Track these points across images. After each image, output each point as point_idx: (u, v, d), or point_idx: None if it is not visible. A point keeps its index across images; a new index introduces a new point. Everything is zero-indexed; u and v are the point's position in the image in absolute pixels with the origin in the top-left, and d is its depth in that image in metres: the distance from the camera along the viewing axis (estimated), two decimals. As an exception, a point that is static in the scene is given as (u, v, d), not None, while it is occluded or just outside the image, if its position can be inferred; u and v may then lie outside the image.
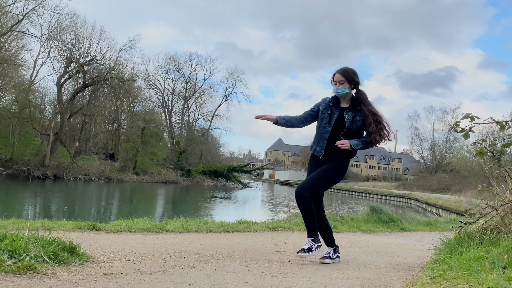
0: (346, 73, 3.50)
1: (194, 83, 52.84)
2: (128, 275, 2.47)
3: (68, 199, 22.03)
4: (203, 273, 2.68)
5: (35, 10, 31.95)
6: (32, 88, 35.39)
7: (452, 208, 21.01)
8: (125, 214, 13.65)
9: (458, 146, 50.28)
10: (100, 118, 38.81)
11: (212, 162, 45.51)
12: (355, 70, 3.56)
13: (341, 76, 3.48)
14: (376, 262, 3.66)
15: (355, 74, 3.53)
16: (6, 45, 31.68)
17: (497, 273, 2.23)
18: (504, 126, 3.20)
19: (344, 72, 3.50)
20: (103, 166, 36.54)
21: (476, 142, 3.38)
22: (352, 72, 3.53)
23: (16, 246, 2.34)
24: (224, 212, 17.73)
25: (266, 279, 2.63)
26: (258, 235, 5.07)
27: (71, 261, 2.54)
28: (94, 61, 36.78)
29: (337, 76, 3.50)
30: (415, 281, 2.62)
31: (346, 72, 3.51)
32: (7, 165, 31.54)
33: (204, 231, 4.87)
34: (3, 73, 31.08)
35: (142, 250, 3.37)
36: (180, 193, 31.43)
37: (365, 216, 7.70)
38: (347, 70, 3.53)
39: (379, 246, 4.88)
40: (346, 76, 3.48)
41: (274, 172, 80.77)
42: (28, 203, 18.54)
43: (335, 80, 3.50)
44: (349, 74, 3.50)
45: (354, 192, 42.95)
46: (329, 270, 3.10)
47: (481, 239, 3.08)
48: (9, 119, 32.15)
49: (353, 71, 3.54)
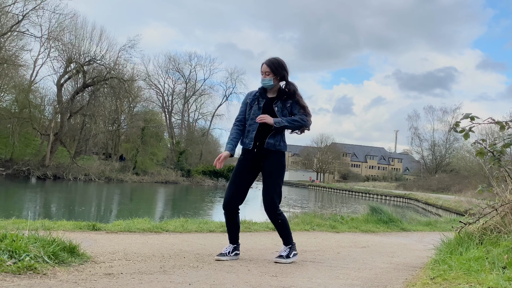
0: (272, 64, 3.39)
1: (194, 83, 52.93)
2: (128, 275, 2.47)
3: (68, 199, 22.03)
4: (203, 273, 2.68)
5: (35, 10, 32.00)
6: (32, 88, 35.44)
7: (452, 208, 21.01)
8: (125, 214, 13.65)
9: (458, 146, 50.39)
10: (100, 118, 38.82)
11: (212, 162, 45.49)
12: (283, 62, 3.44)
13: (266, 67, 3.39)
14: (376, 262, 3.66)
15: (282, 66, 3.42)
16: (6, 45, 31.70)
17: (497, 273, 2.23)
18: (504, 126, 3.20)
19: (270, 63, 3.40)
20: (103, 166, 36.56)
21: (476, 142, 3.39)
22: (278, 64, 3.41)
23: (16, 246, 2.34)
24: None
25: (266, 279, 2.63)
26: (258, 235, 5.07)
27: (71, 261, 2.54)
28: (94, 61, 36.81)
29: (264, 67, 3.41)
30: (415, 281, 2.62)
31: (272, 63, 3.40)
32: (7, 165, 31.55)
33: (204, 231, 4.87)
34: (3, 73, 31.09)
35: (142, 250, 3.37)
36: (180, 193, 31.42)
37: (365, 216, 7.70)
38: (273, 61, 3.41)
39: (379, 246, 4.88)
40: (271, 68, 3.38)
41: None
42: (28, 203, 18.54)
43: (262, 71, 3.42)
44: (274, 65, 3.39)
45: (354, 192, 42.97)
46: (329, 270, 3.10)
47: (481, 239, 3.08)
48: (9, 119, 32.19)
49: (280, 63, 3.42)
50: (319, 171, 73.71)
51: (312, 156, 75.38)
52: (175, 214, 14.17)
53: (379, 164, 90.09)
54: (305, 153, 78.21)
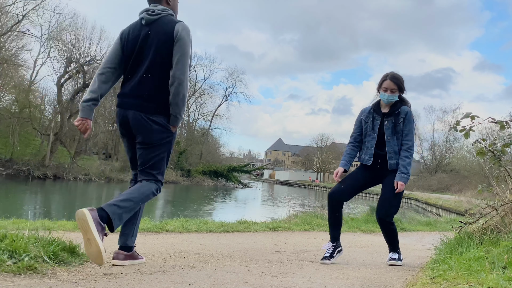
0: (398, 81, 3.46)
1: (194, 83, 52.88)
2: (128, 275, 2.47)
3: (68, 199, 22.03)
4: (203, 273, 2.68)
5: (35, 10, 32.02)
6: (32, 88, 35.46)
7: (452, 208, 21.02)
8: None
9: (458, 146, 50.37)
10: (100, 118, 38.81)
11: (212, 162, 45.53)
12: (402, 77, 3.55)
13: (393, 84, 3.45)
14: (376, 262, 3.66)
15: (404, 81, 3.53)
16: (6, 45, 31.69)
17: (497, 273, 2.23)
18: (504, 125, 3.20)
19: (396, 81, 3.46)
20: (103, 166, 36.56)
21: (477, 141, 3.38)
22: (403, 80, 3.51)
23: (16, 246, 2.33)
24: (224, 212, 17.72)
25: (266, 279, 2.63)
26: (258, 235, 5.07)
27: (71, 261, 2.54)
28: (94, 61, 36.82)
29: (389, 84, 3.45)
30: (415, 281, 2.62)
31: (398, 80, 3.47)
32: (7, 165, 31.55)
33: (204, 231, 4.87)
34: (3, 73, 31.08)
35: (142, 250, 3.37)
36: (180, 193, 31.42)
37: (365, 216, 7.71)
38: (399, 77, 3.49)
39: (379, 246, 4.88)
40: (398, 85, 3.46)
41: (274, 172, 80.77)
42: (28, 203, 18.54)
43: (387, 87, 3.45)
44: (401, 82, 3.48)
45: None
46: (329, 270, 3.10)
47: (481, 239, 3.08)
48: (9, 119, 32.17)
49: (403, 79, 3.52)
50: (319, 171, 73.71)
51: (312, 156, 75.40)
52: (175, 214, 14.17)
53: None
54: (305, 153, 78.23)
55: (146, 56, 2.68)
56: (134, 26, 2.78)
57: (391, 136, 3.47)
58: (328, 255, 3.45)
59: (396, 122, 3.46)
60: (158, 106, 2.66)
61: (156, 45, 2.66)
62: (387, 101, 3.48)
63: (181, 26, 2.68)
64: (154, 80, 2.66)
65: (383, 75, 3.56)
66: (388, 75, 3.51)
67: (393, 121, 3.47)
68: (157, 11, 2.74)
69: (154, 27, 2.70)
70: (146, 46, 2.69)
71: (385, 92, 3.46)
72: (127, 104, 2.69)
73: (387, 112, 3.51)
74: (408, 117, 3.48)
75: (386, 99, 3.47)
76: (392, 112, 3.49)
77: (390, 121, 3.48)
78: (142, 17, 2.75)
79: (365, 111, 3.62)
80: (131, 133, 2.73)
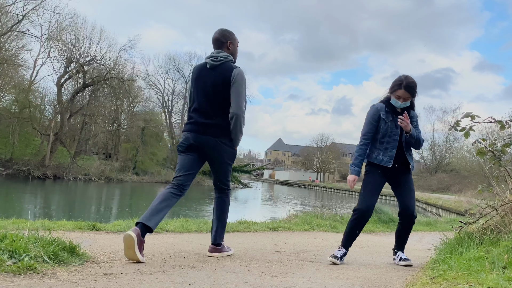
0: (413, 90, 3.42)
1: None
2: (128, 275, 2.47)
3: (68, 199, 22.03)
4: (203, 273, 2.68)
5: (35, 10, 31.99)
6: (32, 88, 35.44)
7: (452, 208, 21.02)
8: (125, 214, 13.66)
9: (458, 146, 50.37)
10: (100, 118, 38.82)
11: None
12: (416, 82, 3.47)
13: (408, 94, 3.40)
14: (376, 262, 3.66)
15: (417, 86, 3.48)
16: (6, 45, 31.67)
17: (497, 273, 2.23)
18: (504, 125, 3.20)
19: (411, 90, 3.40)
20: (103, 166, 36.56)
21: (477, 141, 3.38)
22: (416, 86, 3.45)
23: (16, 246, 2.33)
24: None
25: (266, 279, 2.63)
26: (258, 235, 5.07)
27: (71, 261, 2.54)
28: (94, 61, 36.83)
29: (404, 93, 3.39)
30: (415, 281, 2.62)
31: (413, 89, 3.41)
32: (7, 165, 31.56)
33: (204, 231, 4.86)
34: (3, 73, 31.08)
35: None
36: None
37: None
38: (413, 86, 3.41)
39: (379, 246, 4.88)
40: (412, 94, 3.43)
41: (274, 172, 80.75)
42: (28, 203, 18.54)
43: (400, 95, 3.40)
44: (415, 90, 3.43)
45: (354, 192, 42.91)
46: (329, 270, 3.10)
47: (481, 239, 3.08)
48: (9, 119, 32.18)
49: (416, 85, 3.45)
50: (319, 171, 73.70)
51: (312, 156, 75.37)
52: (175, 214, 14.16)
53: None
54: (305, 153, 78.19)
55: (210, 94, 3.27)
56: (201, 68, 3.39)
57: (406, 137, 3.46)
58: (339, 255, 3.45)
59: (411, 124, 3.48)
60: (225, 132, 3.28)
61: (218, 86, 3.25)
62: (400, 107, 3.47)
63: (237, 72, 3.27)
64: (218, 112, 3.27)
65: (397, 81, 3.43)
66: (402, 82, 3.40)
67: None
68: (220, 58, 3.31)
69: (216, 71, 3.29)
70: (209, 86, 3.28)
71: (398, 100, 3.43)
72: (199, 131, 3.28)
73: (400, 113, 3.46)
74: (417, 122, 3.57)
75: (399, 106, 3.45)
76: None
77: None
78: (207, 63, 3.34)
79: (381, 109, 3.49)
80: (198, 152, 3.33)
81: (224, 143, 3.29)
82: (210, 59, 3.33)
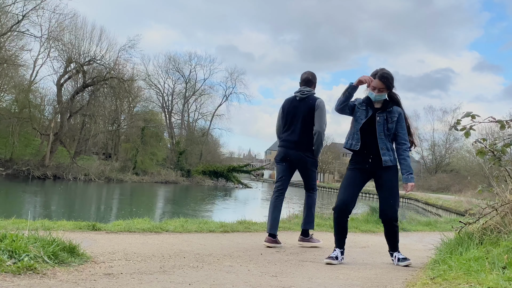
0: (386, 80, 3.41)
1: (194, 83, 52.90)
2: (128, 275, 2.47)
3: (68, 199, 22.03)
4: (203, 273, 2.68)
5: (35, 10, 31.95)
6: (32, 88, 35.40)
7: (452, 208, 21.00)
8: (125, 214, 13.64)
9: (458, 146, 50.33)
10: (100, 118, 38.81)
11: (212, 162, 45.44)
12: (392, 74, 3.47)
13: (381, 84, 3.40)
14: (376, 262, 3.66)
15: (393, 78, 3.46)
16: (6, 45, 31.66)
17: (497, 273, 2.23)
18: (505, 125, 3.20)
19: (385, 80, 3.40)
20: (103, 166, 36.53)
21: (477, 141, 3.38)
22: (391, 78, 3.44)
23: (16, 246, 2.33)
24: (224, 212, 17.71)
25: (266, 279, 2.63)
26: (258, 235, 5.07)
27: (71, 261, 2.54)
28: (94, 61, 36.78)
29: (378, 83, 3.40)
30: (415, 281, 2.62)
31: (387, 79, 3.41)
32: (7, 165, 31.52)
33: (204, 231, 4.87)
34: (3, 73, 31.07)
35: (142, 250, 3.37)
36: (180, 193, 31.41)
37: (365, 216, 7.70)
38: (387, 76, 3.41)
39: (379, 246, 4.88)
40: (386, 84, 3.41)
41: (274, 172, 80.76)
42: (28, 203, 18.53)
43: (375, 86, 3.41)
44: (389, 81, 3.42)
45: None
46: (329, 270, 3.10)
47: (481, 239, 3.08)
48: (9, 119, 32.14)
49: (392, 76, 3.45)
50: (319, 171, 73.68)
51: (312, 156, 75.19)
52: (175, 214, 14.17)
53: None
54: (305, 153, 77.99)
55: (299, 119, 4.34)
56: (292, 100, 4.47)
57: (383, 133, 3.44)
58: (334, 255, 3.44)
59: (388, 119, 3.44)
60: (309, 147, 4.33)
61: (304, 113, 4.33)
62: (374, 99, 3.47)
63: (319, 101, 4.35)
64: (305, 133, 4.31)
65: (373, 72, 3.49)
66: (377, 73, 3.44)
67: (385, 117, 3.45)
68: (306, 92, 4.42)
69: (304, 102, 4.38)
70: (299, 113, 4.35)
71: (373, 91, 3.45)
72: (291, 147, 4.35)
73: (379, 108, 3.49)
74: (401, 117, 3.47)
75: (374, 98, 3.46)
76: (384, 108, 3.47)
77: (382, 117, 3.45)
78: (296, 96, 4.44)
79: (358, 100, 3.57)
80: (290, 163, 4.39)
81: (308, 155, 4.34)
82: (299, 93, 4.41)
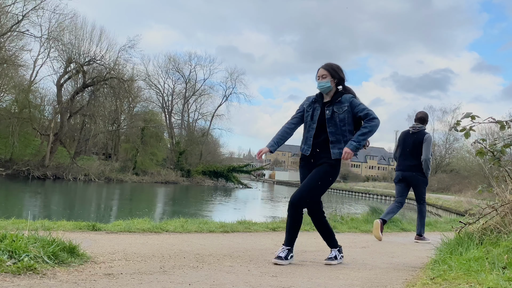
0: (329, 67, 3.49)
1: (194, 83, 52.91)
2: (128, 275, 2.47)
3: (68, 199, 22.03)
4: (203, 274, 2.68)
5: (35, 10, 31.96)
6: (32, 88, 35.39)
7: (452, 208, 20.99)
8: (125, 214, 13.65)
9: (458, 146, 50.32)
10: (100, 118, 38.79)
11: (212, 163, 45.48)
12: (340, 66, 3.54)
13: (323, 70, 3.48)
14: (376, 262, 3.66)
15: (339, 69, 3.52)
16: (6, 45, 31.66)
17: (497, 273, 2.23)
18: (504, 125, 3.20)
19: (327, 67, 3.49)
20: (103, 166, 36.53)
21: (476, 141, 3.39)
22: (336, 67, 3.51)
23: (16, 246, 2.33)
24: (224, 212, 17.71)
25: (266, 279, 2.63)
26: (258, 235, 5.07)
27: (71, 262, 2.54)
28: (94, 61, 36.78)
29: (320, 71, 3.49)
30: (415, 281, 2.62)
31: (330, 66, 3.50)
32: (7, 165, 31.51)
33: (204, 232, 4.87)
34: (3, 73, 31.06)
35: (142, 251, 3.37)
36: (180, 193, 31.41)
37: (365, 216, 7.70)
38: (330, 64, 3.52)
39: (379, 246, 4.88)
40: (329, 71, 3.46)
41: (274, 172, 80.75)
42: (28, 203, 18.53)
43: (318, 74, 3.49)
44: (332, 68, 3.49)
45: (354, 192, 42.94)
46: (329, 271, 3.10)
47: (481, 239, 3.08)
48: (9, 119, 32.12)
49: (337, 66, 3.52)
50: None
51: (312, 156, 75.06)
52: (175, 214, 14.17)
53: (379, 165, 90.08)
54: (305, 153, 77.92)
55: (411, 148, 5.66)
56: (406, 133, 5.79)
57: (333, 126, 3.39)
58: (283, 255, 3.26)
59: (337, 111, 3.40)
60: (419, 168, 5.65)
61: (415, 144, 5.65)
62: (319, 87, 3.49)
63: (427, 136, 5.67)
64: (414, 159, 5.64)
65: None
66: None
67: (334, 109, 3.40)
68: (417, 128, 5.73)
69: (415, 135, 5.70)
70: (413, 144, 5.66)
71: (318, 80, 3.49)
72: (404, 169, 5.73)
73: (328, 101, 3.47)
74: (353, 103, 3.40)
75: (318, 86, 3.49)
76: (332, 101, 3.44)
77: (331, 110, 3.41)
78: (410, 130, 5.77)
79: (308, 100, 3.59)
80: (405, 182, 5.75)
81: (418, 175, 5.64)
82: (412, 128, 5.74)
